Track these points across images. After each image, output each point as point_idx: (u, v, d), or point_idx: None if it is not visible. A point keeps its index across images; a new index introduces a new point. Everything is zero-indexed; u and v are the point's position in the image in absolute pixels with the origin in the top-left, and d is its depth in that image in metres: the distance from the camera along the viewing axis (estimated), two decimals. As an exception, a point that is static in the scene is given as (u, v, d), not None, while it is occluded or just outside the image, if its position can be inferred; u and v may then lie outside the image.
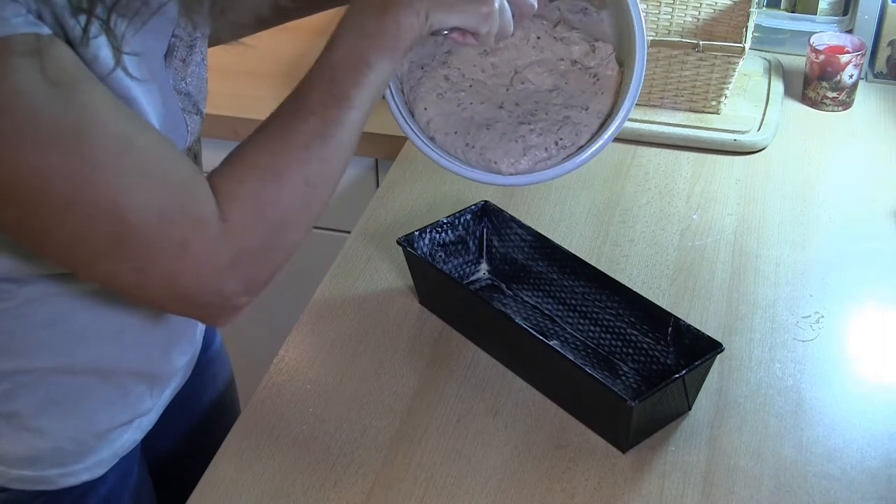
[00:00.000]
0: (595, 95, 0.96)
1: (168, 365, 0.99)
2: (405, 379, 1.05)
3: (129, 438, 0.99)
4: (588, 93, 0.97)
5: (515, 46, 0.99)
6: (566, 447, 0.97)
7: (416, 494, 0.92)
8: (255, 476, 0.94)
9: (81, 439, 0.94)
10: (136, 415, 0.98)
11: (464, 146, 0.96)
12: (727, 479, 0.94)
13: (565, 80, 0.99)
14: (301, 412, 1.01)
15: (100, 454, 0.96)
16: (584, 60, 0.98)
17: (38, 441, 0.92)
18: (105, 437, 0.95)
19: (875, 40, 1.62)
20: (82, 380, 0.91)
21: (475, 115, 0.98)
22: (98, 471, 0.96)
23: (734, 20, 1.56)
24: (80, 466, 0.95)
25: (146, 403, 0.98)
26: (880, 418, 1.01)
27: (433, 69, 0.99)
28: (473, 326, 1.09)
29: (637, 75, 0.93)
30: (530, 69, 0.99)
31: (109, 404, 0.94)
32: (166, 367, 0.99)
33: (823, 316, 1.14)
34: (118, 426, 0.96)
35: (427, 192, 1.35)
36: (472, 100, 0.98)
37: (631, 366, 1.06)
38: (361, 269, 1.20)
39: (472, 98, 0.99)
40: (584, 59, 0.98)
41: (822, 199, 1.34)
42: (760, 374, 1.05)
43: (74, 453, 0.94)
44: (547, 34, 1.00)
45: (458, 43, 0.86)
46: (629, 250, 1.24)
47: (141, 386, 0.96)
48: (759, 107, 1.52)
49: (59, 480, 0.94)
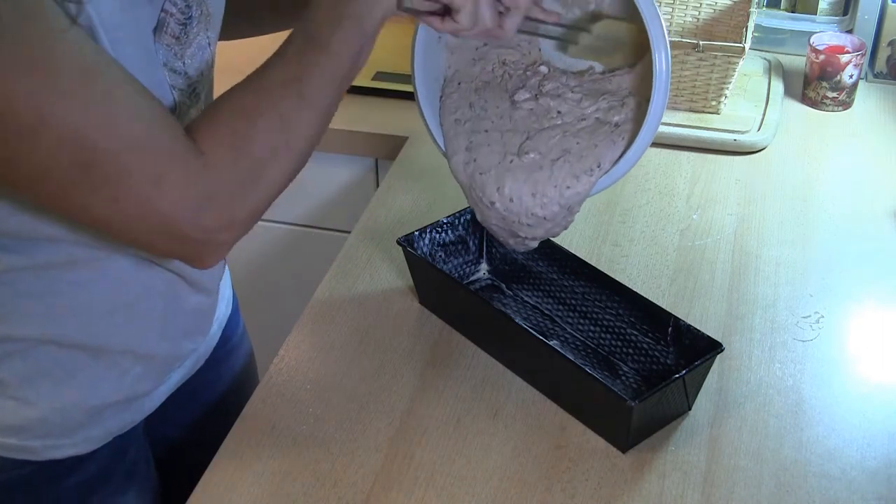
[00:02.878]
0: (612, 145, 0.97)
1: (170, 349, 1.00)
2: (405, 379, 1.05)
3: (127, 419, 0.99)
4: (601, 145, 0.98)
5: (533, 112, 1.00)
6: (566, 447, 0.97)
7: (416, 494, 0.92)
8: (255, 476, 0.94)
9: (69, 414, 0.94)
10: (133, 396, 0.98)
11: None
12: (727, 479, 0.94)
13: (577, 140, 0.99)
14: (301, 412, 1.01)
15: (90, 431, 0.96)
16: (607, 116, 0.99)
17: (24, 410, 0.92)
18: (98, 415, 0.96)
19: (875, 40, 1.62)
20: (72, 354, 0.92)
21: (479, 156, 1.00)
22: (86, 447, 0.96)
23: (734, 20, 1.56)
24: (67, 441, 0.95)
25: (145, 386, 0.99)
26: (880, 418, 1.01)
27: (465, 91, 1.02)
28: (473, 326, 1.09)
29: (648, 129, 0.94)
30: (550, 131, 1.00)
31: (102, 382, 0.95)
32: (167, 351, 0.99)
33: (823, 316, 1.14)
34: (112, 405, 0.96)
35: (427, 192, 1.35)
36: (482, 140, 1.00)
37: (631, 366, 1.06)
38: (361, 269, 1.20)
39: (483, 138, 1.00)
40: (607, 114, 0.99)
41: (822, 199, 1.34)
42: (760, 374, 1.05)
43: (61, 426, 0.94)
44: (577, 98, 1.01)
45: (437, 29, 0.86)
46: (629, 250, 1.24)
47: (137, 367, 0.96)
48: (759, 107, 1.52)
49: (42, 452, 0.94)
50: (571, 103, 1.00)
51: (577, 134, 0.98)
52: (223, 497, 0.92)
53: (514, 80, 1.03)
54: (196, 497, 0.93)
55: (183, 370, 1.05)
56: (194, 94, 0.89)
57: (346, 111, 1.56)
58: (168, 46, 0.85)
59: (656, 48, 0.91)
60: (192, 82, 0.88)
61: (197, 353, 1.06)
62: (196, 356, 1.06)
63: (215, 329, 1.09)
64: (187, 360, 1.04)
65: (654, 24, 0.91)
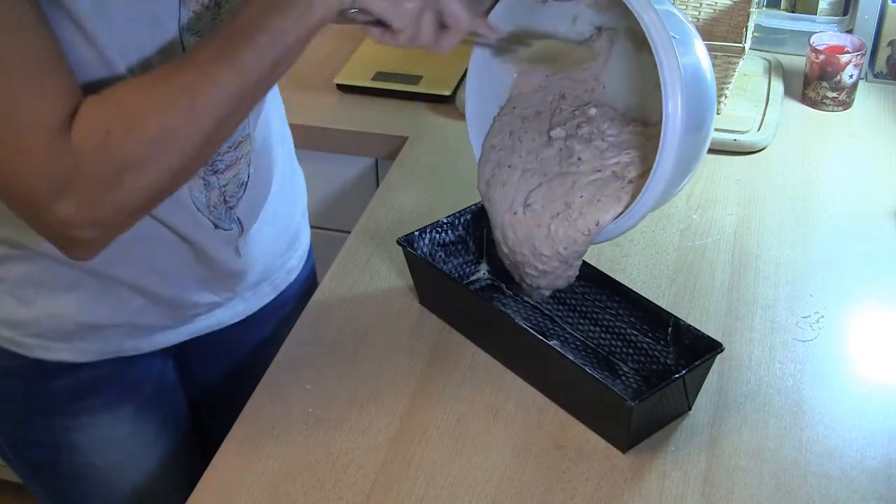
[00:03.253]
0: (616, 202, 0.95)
1: (177, 294, 1.02)
2: (405, 379, 1.05)
3: (130, 345, 1.03)
4: (605, 201, 0.96)
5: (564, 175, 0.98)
6: (566, 447, 0.97)
7: (416, 494, 0.92)
8: (255, 476, 0.94)
9: (62, 322, 0.98)
10: (136, 325, 1.01)
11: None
12: (727, 479, 0.94)
13: (581, 194, 0.97)
14: (301, 412, 1.01)
15: (86, 343, 1.00)
16: (624, 171, 0.96)
17: (21, 309, 0.97)
18: (93, 331, 1.00)
19: (875, 40, 1.62)
20: (70, 270, 0.95)
21: (493, 195, 1.01)
22: (81, 357, 1.01)
23: (734, 20, 1.56)
24: (60, 346, 0.99)
25: (147, 319, 1.02)
26: (880, 418, 1.01)
27: (514, 118, 1.02)
28: (473, 326, 1.09)
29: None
30: (563, 178, 0.99)
31: (97, 303, 0.98)
32: (172, 295, 1.02)
33: (823, 316, 1.14)
34: (110, 326, 1.00)
35: (427, 192, 1.35)
36: (500, 177, 1.01)
37: (631, 366, 1.06)
38: (361, 269, 1.20)
39: (502, 175, 1.01)
40: (625, 169, 0.96)
41: (822, 199, 1.34)
42: (760, 374, 1.05)
43: (53, 332, 0.98)
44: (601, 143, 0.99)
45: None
46: (629, 250, 1.24)
47: (137, 300, 1.00)
48: (759, 107, 1.52)
49: (35, 350, 0.99)
50: (595, 151, 0.97)
51: (586, 187, 0.96)
52: (223, 497, 0.93)
53: (561, 115, 1.02)
54: (196, 497, 0.93)
55: (212, 318, 1.08)
56: (216, 6, 0.87)
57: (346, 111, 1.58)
58: (196, 13, 0.84)
59: (669, 96, 0.84)
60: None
61: (232, 308, 1.09)
62: (232, 310, 1.10)
63: (267, 290, 1.13)
64: (216, 309, 1.08)
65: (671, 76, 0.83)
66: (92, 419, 1.06)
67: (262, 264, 1.10)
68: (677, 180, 0.91)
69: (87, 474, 1.09)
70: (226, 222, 1.00)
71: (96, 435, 1.06)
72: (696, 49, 0.89)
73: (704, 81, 0.89)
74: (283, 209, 1.12)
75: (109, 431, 1.07)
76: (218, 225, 0.99)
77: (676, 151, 0.86)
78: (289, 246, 1.16)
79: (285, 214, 1.13)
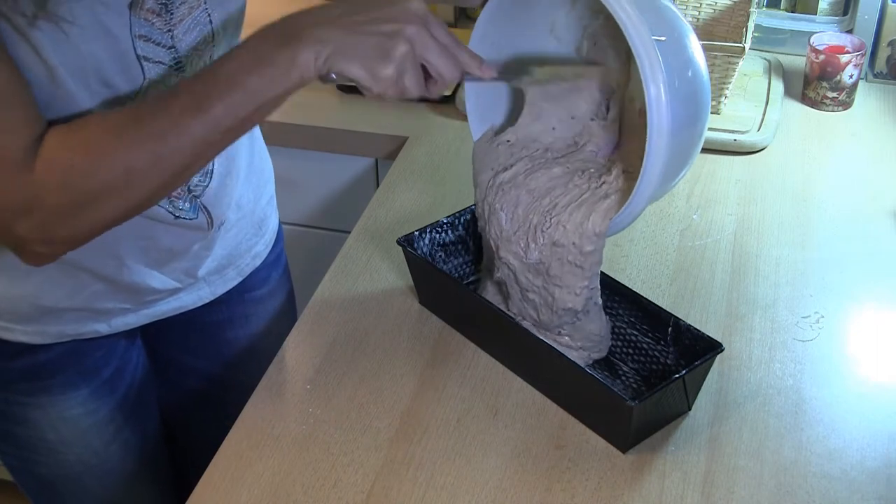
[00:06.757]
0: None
1: (136, 279, 1.03)
2: (405, 379, 1.05)
3: (89, 328, 1.05)
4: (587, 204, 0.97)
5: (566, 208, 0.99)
6: (566, 447, 0.97)
7: (416, 494, 0.92)
8: (255, 476, 0.94)
9: (19, 304, 1.00)
10: (95, 309, 1.03)
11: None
12: (727, 479, 0.94)
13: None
14: (301, 412, 1.01)
15: (45, 326, 1.02)
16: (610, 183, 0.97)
17: None
18: (52, 314, 1.01)
19: (875, 40, 1.62)
20: None
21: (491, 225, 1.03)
22: (39, 339, 1.03)
23: (734, 20, 1.56)
24: (18, 328, 1.02)
25: (107, 303, 1.03)
26: (880, 418, 1.01)
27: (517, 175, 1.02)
28: (473, 326, 1.09)
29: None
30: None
31: (56, 286, 1.00)
32: (131, 280, 1.02)
33: (823, 316, 1.14)
34: (69, 310, 1.02)
35: (427, 192, 1.35)
36: (502, 203, 1.01)
37: (631, 366, 1.06)
38: (361, 269, 1.20)
39: (504, 198, 1.01)
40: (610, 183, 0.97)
41: (822, 199, 1.34)
42: (760, 374, 1.05)
43: (11, 314, 1.01)
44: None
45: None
46: (629, 250, 1.24)
47: (97, 285, 1.01)
48: (759, 107, 1.52)
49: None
50: (561, 188, 0.99)
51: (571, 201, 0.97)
52: (223, 497, 0.93)
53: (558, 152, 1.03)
54: (196, 497, 0.93)
55: (175, 302, 1.09)
56: (177, 66, 0.90)
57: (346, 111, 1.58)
58: (147, 21, 0.86)
59: (653, 109, 0.85)
60: (177, 57, 0.89)
61: (196, 292, 1.11)
62: (195, 294, 1.11)
63: (232, 275, 1.14)
64: (180, 292, 1.09)
65: (653, 83, 0.84)
66: (49, 398, 1.08)
67: (225, 250, 1.12)
68: (668, 180, 0.92)
69: (38, 447, 1.12)
70: (190, 212, 1.01)
71: (52, 413, 1.09)
72: (687, 47, 0.90)
73: (694, 83, 0.89)
74: (249, 196, 1.13)
75: (63, 411, 1.09)
76: (178, 215, 1.00)
77: (664, 157, 0.87)
78: (255, 232, 1.17)
79: (251, 201, 1.14)
